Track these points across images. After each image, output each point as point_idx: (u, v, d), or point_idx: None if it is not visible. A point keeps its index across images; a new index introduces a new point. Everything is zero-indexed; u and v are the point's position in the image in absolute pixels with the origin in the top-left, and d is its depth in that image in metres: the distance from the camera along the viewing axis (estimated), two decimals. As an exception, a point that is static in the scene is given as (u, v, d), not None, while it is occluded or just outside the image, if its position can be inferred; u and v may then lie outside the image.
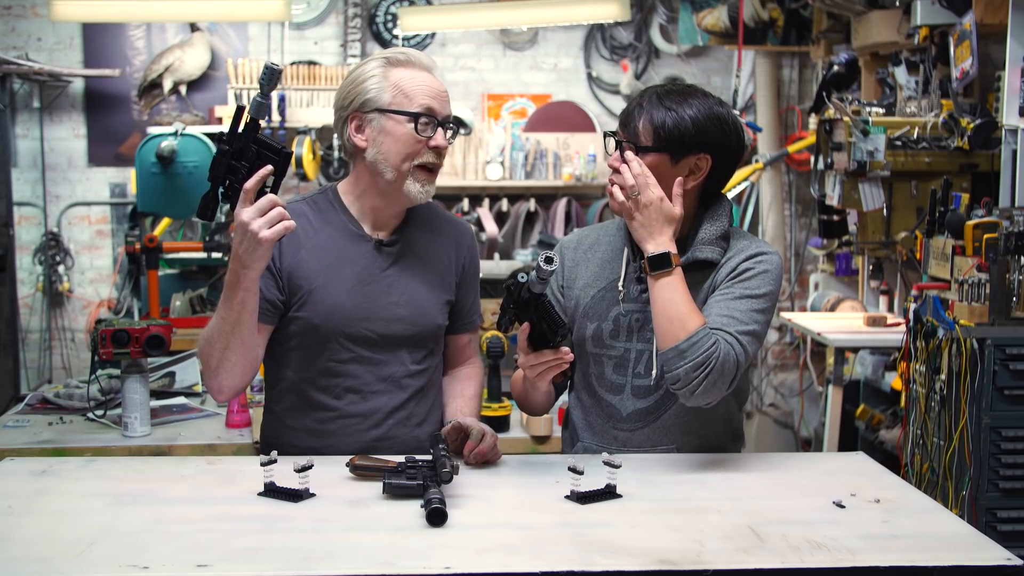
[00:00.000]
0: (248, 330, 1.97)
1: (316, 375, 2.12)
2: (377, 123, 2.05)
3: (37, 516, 1.70)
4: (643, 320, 2.11)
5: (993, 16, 3.71)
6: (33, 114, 6.06)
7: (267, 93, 1.87)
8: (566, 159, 6.05)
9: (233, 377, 2.01)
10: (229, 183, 1.88)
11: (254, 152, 1.87)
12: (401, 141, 2.04)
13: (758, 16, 5.69)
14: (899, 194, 4.15)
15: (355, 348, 2.10)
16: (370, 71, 2.07)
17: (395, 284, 2.13)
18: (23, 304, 6.01)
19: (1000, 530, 2.99)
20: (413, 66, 2.08)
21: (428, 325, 2.16)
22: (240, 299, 1.93)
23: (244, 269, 1.89)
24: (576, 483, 1.78)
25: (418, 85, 2.06)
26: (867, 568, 1.50)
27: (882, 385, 4.61)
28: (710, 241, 2.07)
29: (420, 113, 2.04)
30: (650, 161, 2.02)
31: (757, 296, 2.01)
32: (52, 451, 2.51)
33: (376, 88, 2.05)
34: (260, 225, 1.84)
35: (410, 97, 2.04)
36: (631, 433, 2.13)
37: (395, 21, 5.97)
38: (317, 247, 2.10)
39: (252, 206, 1.85)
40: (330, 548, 1.54)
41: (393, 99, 2.04)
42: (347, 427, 2.12)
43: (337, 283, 2.09)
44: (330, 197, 2.16)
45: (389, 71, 2.06)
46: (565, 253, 2.24)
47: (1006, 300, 3.00)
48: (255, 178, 1.85)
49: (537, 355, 1.91)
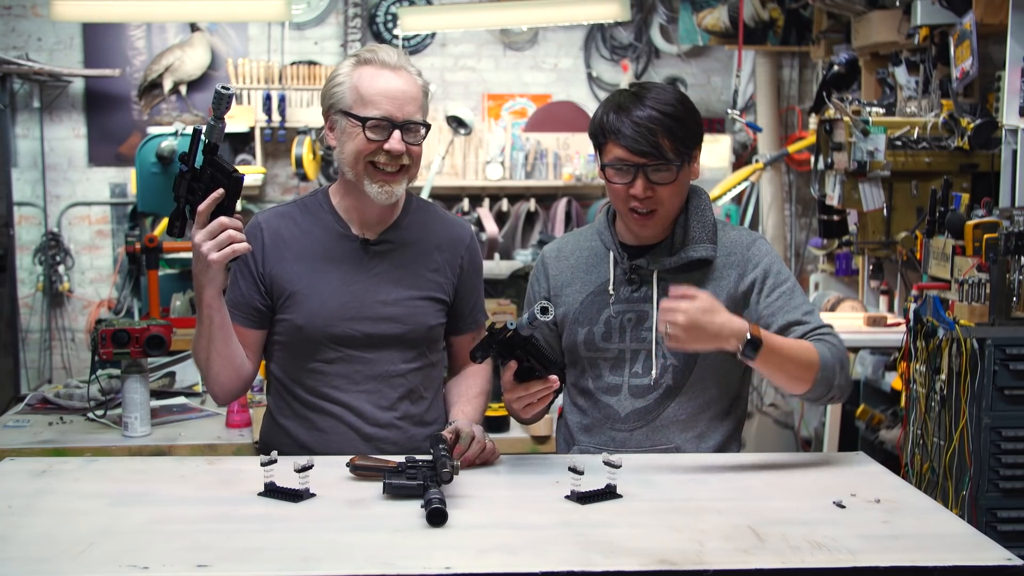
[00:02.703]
0: (221, 342, 2.04)
1: (303, 374, 2.14)
2: (340, 125, 2.07)
3: (37, 516, 1.70)
4: (635, 319, 2.11)
5: (993, 16, 3.71)
6: (33, 114, 6.06)
7: (220, 116, 1.91)
8: (566, 159, 6.05)
9: (220, 384, 2.10)
10: (189, 202, 1.96)
11: (209, 175, 1.93)
12: (356, 142, 2.04)
13: (758, 16, 5.69)
14: (899, 194, 4.15)
15: (341, 348, 2.11)
16: (340, 71, 2.08)
17: (383, 283, 2.13)
18: (23, 304, 6.01)
19: (1000, 530, 2.98)
20: (376, 65, 2.05)
21: (418, 325, 2.15)
22: (207, 315, 2.00)
23: (202, 288, 1.97)
24: (576, 483, 1.78)
25: (375, 87, 2.03)
26: (867, 568, 1.49)
27: (882, 385, 4.61)
28: (702, 239, 2.10)
29: (368, 117, 2.02)
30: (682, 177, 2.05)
31: (794, 284, 2.10)
32: (52, 451, 2.51)
33: (341, 89, 2.06)
34: (209, 248, 1.91)
35: (364, 100, 2.03)
36: (629, 433, 2.13)
37: (395, 21, 5.97)
38: (303, 248, 2.12)
39: (204, 229, 1.91)
40: (330, 548, 1.54)
41: (353, 102, 2.04)
42: (336, 426, 2.13)
43: (322, 284, 2.10)
44: (320, 199, 2.18)
45: (354, 71, 2.05)
46: (549, 263, 2.23)
47: (1006, 300, 3.00)
48: (206, 201, 1.91)
49: (525, 387, 1.91)
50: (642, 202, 2.03)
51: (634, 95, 2.05)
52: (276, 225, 2.13)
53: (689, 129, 2.04)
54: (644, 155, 2.00)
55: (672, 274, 2.11)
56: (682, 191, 2.09)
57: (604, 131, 2.05)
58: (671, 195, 2.05)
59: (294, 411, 2.16)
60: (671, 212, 2.09)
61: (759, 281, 2.09)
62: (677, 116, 2.02)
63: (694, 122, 2.06)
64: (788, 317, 2.05)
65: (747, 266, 2.10)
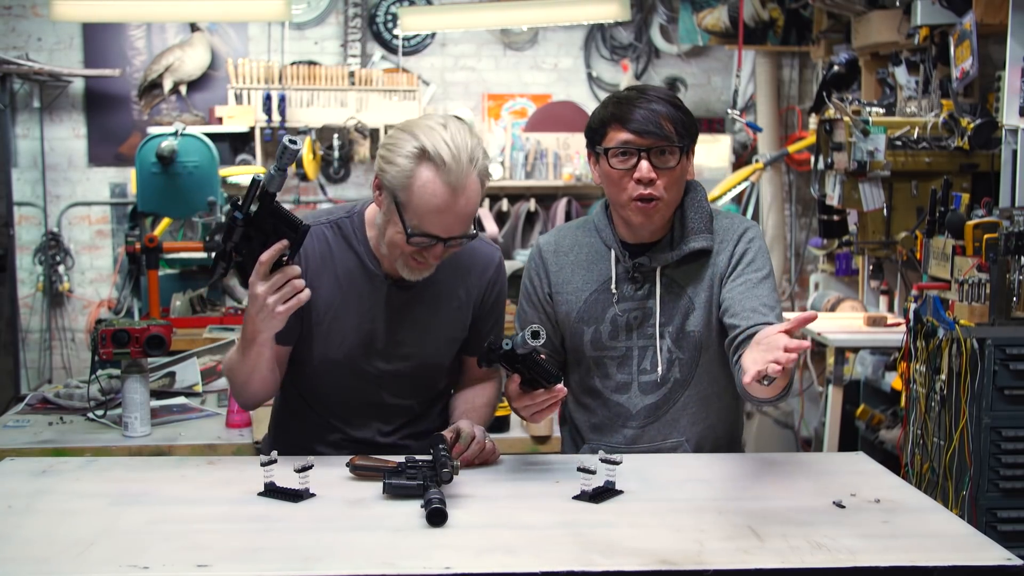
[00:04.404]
0: (267, 369, 2.03)
1: (312, 398, 2.15)
2: (387, 204, 1.95)
3: (37, 516, 1.70)
4: (641, 317, 2.12)
5: (993, 16, 3.71)
6: (33, 114, 6.06)
7: (283, 168, 1.85)
8: (566, 159, 6.05)
9: (255, 396, 2.11)
10: (243, 252, 1.89)
11: (270, 224, 1.88)
12: (398, 238, 1.94)
13: (758, 16, 5.69)
14: (899, 194, 4.15)
15: (350, 379, 2.11)
16: (401, 149, 1.91)
17: (403, 322, 2.10)
18: (23, 304, 6.01)
19: (1000, 530, 2.98)
20: (441, 174, 1.87)
21: (431, 366, 2.15)
22: (256, 352, 1.98)
23: (258, 333, 1.93)
24: (587, 483, 1.78)
25: (430, 206, 1.88)
26: (867, 568, 1.49)
27: (882, 385, 4.61)
28: (700, 229, 2.12)
29: (415, 233, 1.91)
30: (682, 165, 2.06)
31: (768, 275, 2.10)
32: (52, 451, 2.51)
33: (397, 174, 1.90)
34: (275, 301, 1.87)
35: (415, 212, 1.90)
36: (641, 430, 2.14)
37: (395, 21, 5.97)
38: (332, 277, 2.08)
39: (267, 282, 1.86)
40: (330, 548, 1.54)
41: (405, 201, 1.90)
42: (333, 445, 2.14)
43: (345, 318, 2.08)
44: (355, 223, 2.10)
45: (417, 167, 1.89)
46: (547, 258, 2.23)
47: (1006, 300, 3.00)
48: (271, 252, 1.85)
49: (531, 396, 1.91)
50: (646, 187, 2.03)
51: (635, 90, 2.10)
52: (307, 242, 2.04)
53: (689, 120, 2.08)
54: (649, 135, 2.02)
55: (673, 268, 2.12)
56: (680, 182, 2.09)
57: (607, 120, 2.07)
58: (671, 184, 2.06)
59: (297, 418, 2.17)
60: (671, 204, 2.09)
61: (734, 263, 2.11)
62: (678, 106, 2.07)
63: (692, 118, 2.10)
64: (749, 302, 2.05)
65: (734, 250, 2.13)
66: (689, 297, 2.11)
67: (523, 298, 2.26)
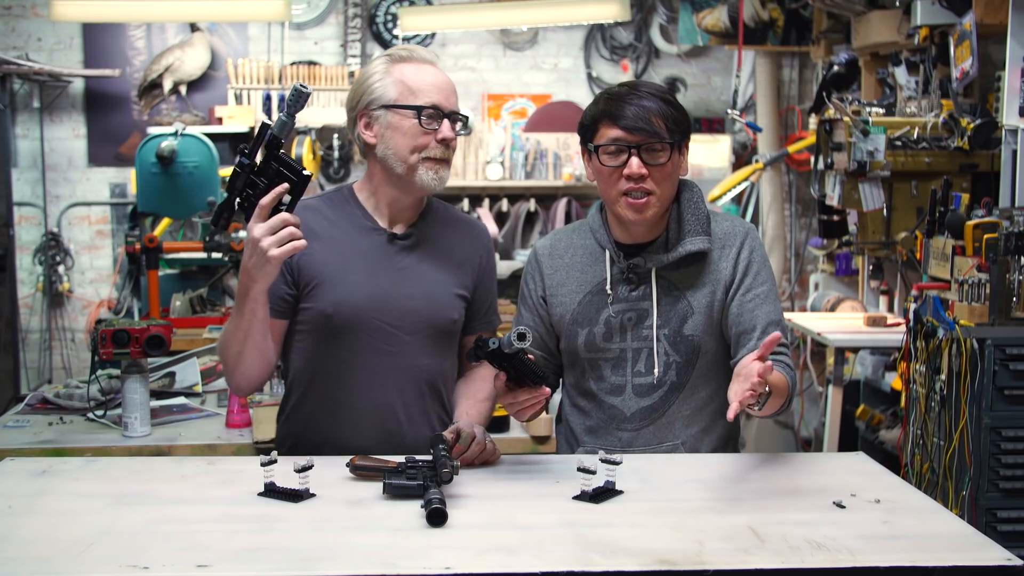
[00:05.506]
0: (260, 335, 2.03)
1: (329, 365, 2.13)
2: (384, 119, 2.09)
3: (37, 516, 1.70)
4: (635, 318, 2.11)
5: (993, 16, 3.71)
6: (33, 114, 6.06)
7: (293, 113, 1.90)
8: (566, 159, 6.05)
9: (249, 377, 2.10)
10: (246, 196, 1.92)
11: (274, 170, 1.91)
12: (408, 135, 2.08)
13: (758, 16, 5.69)
14: (899, 194, 4.15)
15: (367, 339, 2.11)
16: (374, 69, 2.12)
17: (409, 276, 2.14)
18: (23, 304, 6.01)
19: (1000, 530, 2.98)
20: (416, 61, 2.11)
21: (442, 319, 2.16)
22: (250, 309, 1.98)
23: (252, 282, 1.94)
24: (587, 483, 1.79)
25: (422, 79, 2.09)
26: (867, 568, 1.49)
27: (882, 385, 4.61)
28: (696, 231, 2.11)
29: (424, 106, 2.07)
30: (673, 162, 2.06)
31: (773, 285, 2.14)
32: (52, 451, 2.51)
33: (380, 85, 2.09)
34: (270, 243, 1.88)
35: (414, 92, 2.08)
36: (635, 433, 2.13)
37: (395, 21, 5.97)
38: (331, 240, 2.13)
39: (265, 223, 1.89)
40: (330, 548, 1.54)
41: (399, 95, 2.08)
42: (359, 419, 2.12)
43: (350, 275, 2.11)
44: (345, 194, 2.20)
45: (392, 67, 2.10)
46: (542, 261, 2.23)
47: (1006, 300, 3.00)
48: (271, 195, 1.89)
49: (513, 395, 1.92)
50: (636, 183, 2.03)
51: (627, 86, 2.10)
52: (303, 216, 2.07)
53: (681, 116, 2.08)
54: (639, 132, 2.02)
55: (670, 270, 2.11)
56: (673, 179, 2.09)
57: (599, 116, 2.07)
58: (662, 180, 2.06)
59: (317, 405, 2.15)
60: (663, 200, 2.08)
61: (740, 275, 2.11)
62: (669, 102, 2.07)
63: (684, 114, 2.10)
64: (754, 322, 2.08)
65: (737, 257, 2.12)
66: (688, 301, 2.11)
67: (520, 301, 2.27)
